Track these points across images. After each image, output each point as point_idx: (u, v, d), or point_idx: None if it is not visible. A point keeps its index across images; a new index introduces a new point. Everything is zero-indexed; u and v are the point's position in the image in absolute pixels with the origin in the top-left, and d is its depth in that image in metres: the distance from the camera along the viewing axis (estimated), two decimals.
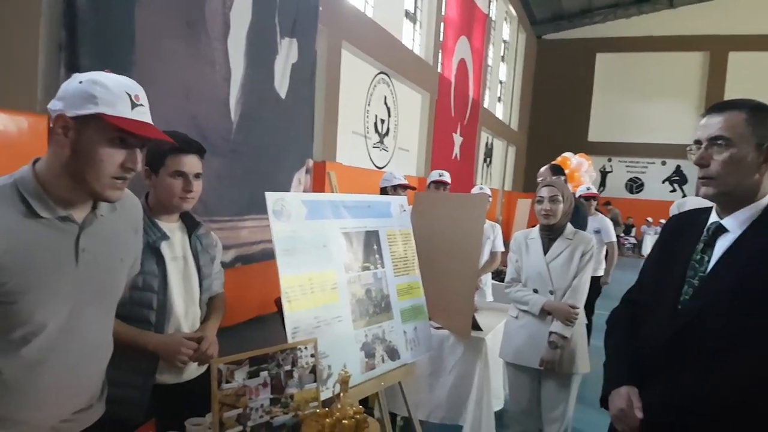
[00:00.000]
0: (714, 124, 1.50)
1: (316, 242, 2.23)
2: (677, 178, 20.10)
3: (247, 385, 1.64)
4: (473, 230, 2.97)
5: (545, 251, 2.80)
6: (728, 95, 18.44)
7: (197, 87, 4.51)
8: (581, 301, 2.73)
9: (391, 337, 2.47)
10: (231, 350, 2.03)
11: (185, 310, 1.89)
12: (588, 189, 5.38)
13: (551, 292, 2.74)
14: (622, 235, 17.83)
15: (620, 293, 1.85)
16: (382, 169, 9.11)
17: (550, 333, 2.69)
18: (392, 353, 2.45)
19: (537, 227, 2.90)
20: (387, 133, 9.30)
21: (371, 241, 2.54)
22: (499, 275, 4.81)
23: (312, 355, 1.83)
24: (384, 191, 4.17)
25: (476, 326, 3.11)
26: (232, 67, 4.92)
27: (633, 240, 18.46)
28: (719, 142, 1.48)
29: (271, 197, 2.07)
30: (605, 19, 19.98)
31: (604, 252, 5.23)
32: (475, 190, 4.71)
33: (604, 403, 1.66)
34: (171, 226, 1.90)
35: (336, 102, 7.15)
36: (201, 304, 1.96)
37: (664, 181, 20.29)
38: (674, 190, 20.13)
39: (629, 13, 19.70)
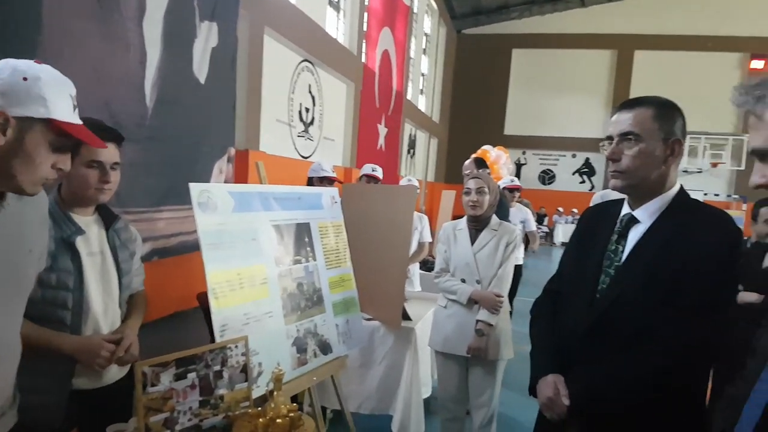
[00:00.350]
0: (624, 120, 1.58)
1: (244, 236, 2.15)
2: (586, 170, 21.23)
3: (174, 388, 1.56)
4: (403, 221, 2.99)
5: (472, 242, 2.87)
6: (633, 92, 19.68)
7: (110, 70, 4.22)
8: (506, 289, 2.83)
9: (324, 331, 2.44)
10: (150, 348, 1.92)
11: (104, 309, 1.77)
12: (512, 181, 5.57)
13: (478, 282, 2.81)
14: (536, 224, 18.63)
15: (537, 279, 1.93)
16: (308, 159, 8.99)
17: (477, 321, 2.76)
18: (324, 347, 2.41)
19: (465, 218, 2.95)
20: (312, 122, 9.17)
21: (302, 233, 2.48)
22: (425, 265, 4.88)
23: (243, 354, 1.76)
24: (310, 182, 4.12)
25: (406, 316, 3.14)
26: (148, 50, 4.65)
27: (546, 229, 19.36)
28: (629, 137, 1.56)
29: (195, 189, 1.97)
30: (521, 16, 20.68)
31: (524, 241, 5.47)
32: (403, 182, 4.75)
33: (533, 391, 1.71)
34: (86, 219, 1.76)
35: (259, 89, 6.95)
36: (121, 302, 1.84)
37: (574, 173, 21.38)
38: (583, 182, 21.27)
39: (543, 11, 20.49)
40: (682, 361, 1.46)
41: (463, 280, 2.85)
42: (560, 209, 19.78)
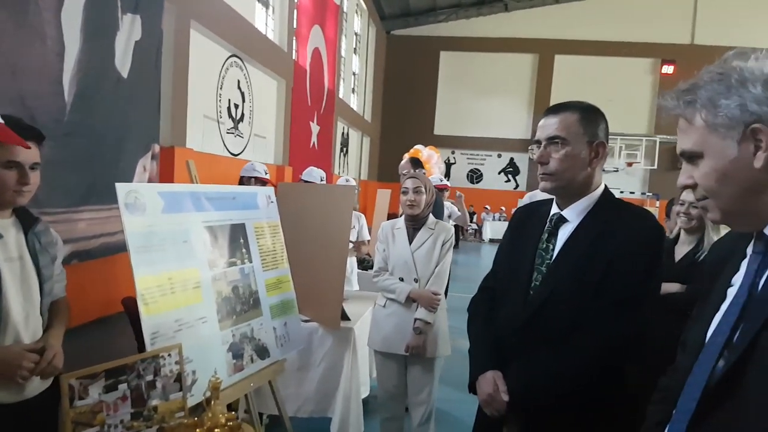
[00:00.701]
0: (551, 125, 1.64)
1: (175, 238, 2.05)
2: (511, 170, 21.97)
3: (104, 401, 1.48)
4: (341, 221, 2.97)
5: (410, 241, 2.89)
6: (554, 94, 20.57)
7: (25, 62, 3.96)
8: (443, 287, 2.87)
9: (261, 335, 2.37)
10: (73, 356, 1.81)
11: (24, 317, 1.64)
12: (441, 180, 5.69)
13: (416, 280, 2.84)
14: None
15: (469, 275, 1.97)
16: (238, 156, 8.77)
17: (415, 320, 2.78)
18: (262, 352, 2.35)
19: (402, 217, 2.97)
20: (242, 119, 8.95)
21: (237, 234, 2.41)
22: (363, 263, 4.88)
23: (176, 363, 1.69)
24: (242, 181, 4.05)
25: (345, 316, 3.12)
26: (67, 42, 4.38)
27: (474, 226, 19.88)
28: (556, 141, 1.62)
29: (122, 189, 1.87)
30: (448, 19, 21.11)
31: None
32: (341, 181, 4.74)
33: (472, 388, 1.74)
34: (4, 222, 1.63)
35: (185, 84, 6.71)
36: (42, 310, 1.72)
37: (500, 172, 22.07)
38: (509, 180, 22.00)
39: (469, 14, 21.01)
40: (612, 351, 1.53)
41: (402, 279, 2.86)
42: (488, 207, 20.37)
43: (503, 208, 20.47)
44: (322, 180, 4.60)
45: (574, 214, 1.67)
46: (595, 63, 20.47)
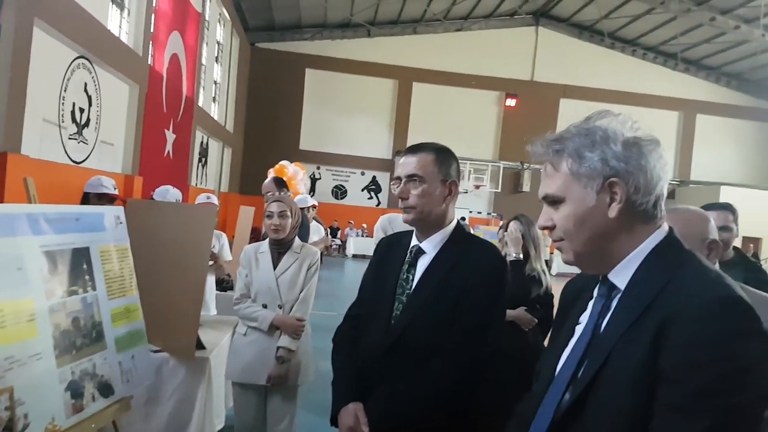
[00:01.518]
0: (409, 164, 1.79)
1: (6, 265, 1.82)
2: (374, 187, 22.58)
3: None
4: (200, 243, 2.81)
5: (275, 265, 2.83)
6: (413, 118, 21.69)
7: None
8: (307, 312, 2.84)
9: (104, 370, 2.16)
10: None
11: None
12: (308, 202, 5.67)
13: (280, 306, 2.78)
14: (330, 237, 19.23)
15: (332, 291, 2.02)
16: (81, 164, 8.01)
17: (278, 348, 2.72)
18: (105, 389, 2.15)
19: (267, 241, 2.90)
20: (87, 124, 8.20)
21: (80, 260, 2.18)
22: (221, 284, 4.68)
23: (6, 408, 1.49)
24: (86, 198, 3.65)
25: (200, 345, 2.95)
26: None
27: (338, 242, 20.04)
28: (414, 179, 1.77)
29: None
30: (313, 38, 21.33)
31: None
32: (201, 198, 4.49)
33: (334, 421, 1.77)
34: None
35: (24, 83, 6.03)
36: None
37: (363, 189, 22.58)
38: (371, 198, 22.56)
39: (334, 36, 21.42)
40: (464, 374, 1.66)
41: (265, 306, 2.79)
42: (351, 222, 20.68)
43: (365, 225, 20.93)
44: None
45: (431, 246, 1.81)
46: (448, 92, 21.91)
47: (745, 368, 0.91)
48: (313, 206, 5.70)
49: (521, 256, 3.19)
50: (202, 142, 15.71)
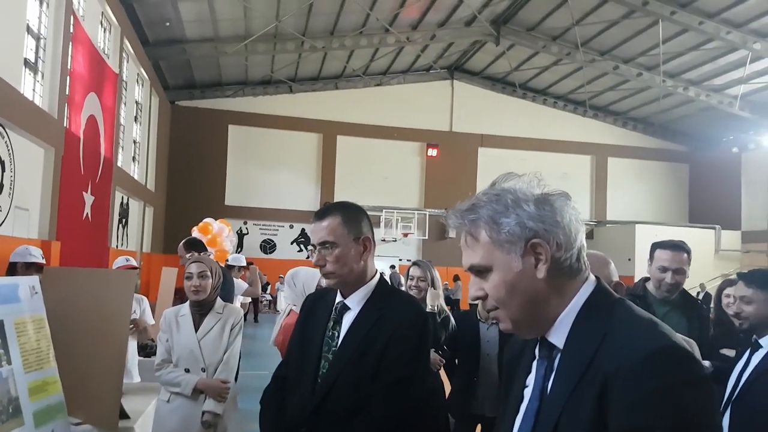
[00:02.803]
0: (319, 231, 1.83)
1: None
2: (303, 240, 22.50)
3: None
4: (120, 309, 2.80)
5: (196, 328, 2.83)
6: (338, 170, 22.10)
7: None
8: (232, 374, 2.84)
9: None
10: None
11: None
12: (238, 261, 5.69)
13: (203, 370, 2.77)
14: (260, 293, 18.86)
15: (262, 350, 2.06)
16: None
17: (203, 413, 2.70)
18: None
19: (187, 303, 2.93)
20: (0, 190, 7.88)
21: None
22: (144, 350, 4.56)
23: None
24: (13, 268, 3.55)
25: (123, 414, 2.90)
26: None
27: (269, 297, 19.68)
28: (327, 245, 1.82)
29: None
30: (235, 95, 21.51)
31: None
32: (119, 261, 4.41)
33: None
34: None
35: None
36: None
37: (292, 243, 22.46)
38: (301, 250, 22.44)
39: (256, 92, 21.70)
40: (383, 430, 1.69)
41: (188, 370, 2.78)
42: (282, 276, 20.35)
43: None
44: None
45: (355, 302, 1.84)
46: (372, 144, 22.54)
47: (690, 418, 0.92)
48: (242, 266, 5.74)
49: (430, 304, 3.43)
50: (122, 203, 15.26)
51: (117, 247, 14.34)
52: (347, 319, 1.84)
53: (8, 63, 7.94)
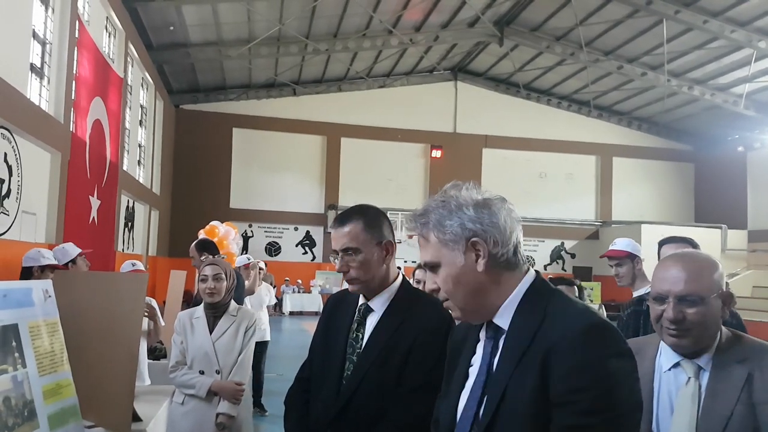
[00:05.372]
0: (341, 237, 1.82)
1: None
2: (308, 242, 22.53)
3: None
4: (132, 313, 2.81)
5: (211, 330, 2.83)
6: (343, 173, 22.14)
7: None
8: (246, 376, 2.84)
9: None
10: None
11: None
12: (248, 260, 5.69)
13: (218, 372, 2.77)
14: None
15: (271, 353, 2.04)
16: (2, 236, 7.66)
17: (218, 414, 2.70)
18: None
19: (201, 305, 2.92)
20: (8, 195, 7.91)
21: (9, 337, 2.15)
22: (153, 353, 4.56)
23: None
24: (28, 272, 3.55)
25: (136, 417, 2.89)
26: None
27: (275, 299, 19.67)
28: (349, 252, 1.81)
29: None
30: (239, 98, 21.56)
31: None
32: (126, 267, 4.41)
33: None
34: None
35: None
36: None
37: (297, 245, 22.47)
38: (306, 253, 22.47)
39: (260, 95, 21.73)
40: None
41: (202, 372, 2.77)
42: (287, 279, 20.43)
43: (300, 281, 20.75)
44: (82, 255, 4.14)
45: (378, 304, 1.84)
46: (376, 146, 22.56)
47: (620, 384, 1.10)
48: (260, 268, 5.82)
49: None
50: (128, 207, 15.31)
51: (123, 250, 14.38)
52: (371, 321, 1.84)
53: (15, 68, 7.98)
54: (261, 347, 6.25)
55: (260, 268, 6.38)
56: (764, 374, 1.48)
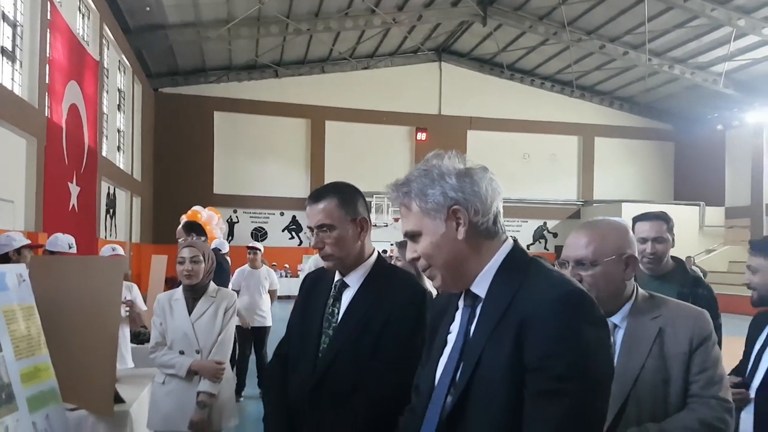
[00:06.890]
0: (316, 213, 1.83)
1: None
2: (294, 227, 22.48)
3: None
4: (109, 297, 2.78)
5: (190, 311, 2.84)
6: (328, 156, 22.00)
7: None
8: (227, 356, 2.86)
9: None
10: None
11: None
12: (221, 244, 5.66)
13: (198, 352, 2.79)
14: None
15: (270, 337, 2.04)
16: None
17: (199, 393, 2.71)
18: None
19: (180, 287, 2.91)
20: None
21: None
22: (137, 337, 4.54)
23: None
24: (5, 259, 3.53)
25: (118, 399, 2.88)
26: None
27: (277, 284, 19.63)
28: (324, 228, 1.81)
29: None
30: (220, 80, 21.23)
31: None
32: (106, 251, 4.36)
33: None
34: None
35: None
36: None
37: (283, 230, 22.41)
38: (292, 237, 22.43)
39: (240, 78, 21.42)
40: (386, 406, 1.68)
41: (182, 352, 2.78)
42: (275, 264, 20.36)
43: (287, 265, 20.72)
44: (70, 247, 4.16)
45: (354, 280, 1.86)
46: (361, 129, 22.43)
47: (593, 352, 1.11)
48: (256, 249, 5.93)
49: None
50: (108, 193, 15.11)
51: (105, 237, 14.23)
52: (347, 296, 1.86)
53: None
54: (262, 333, 6.31)
55: (257, 249, 6.43)
56: (676, 329, 1.62)
